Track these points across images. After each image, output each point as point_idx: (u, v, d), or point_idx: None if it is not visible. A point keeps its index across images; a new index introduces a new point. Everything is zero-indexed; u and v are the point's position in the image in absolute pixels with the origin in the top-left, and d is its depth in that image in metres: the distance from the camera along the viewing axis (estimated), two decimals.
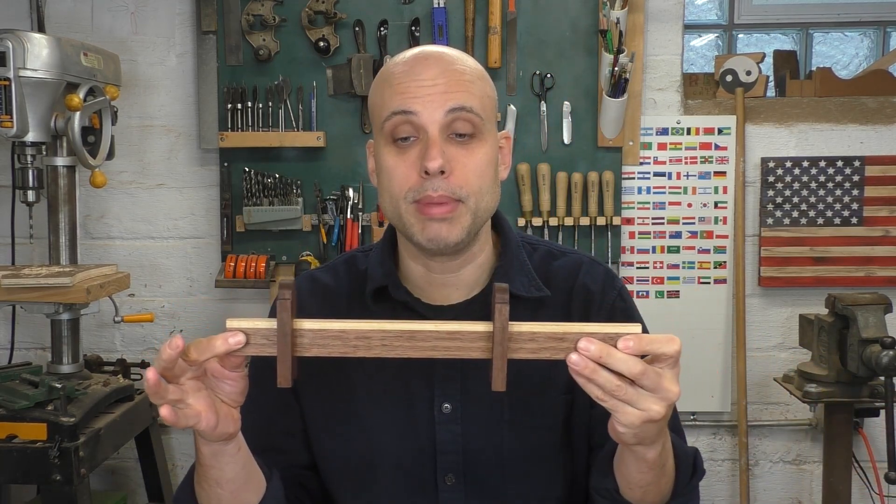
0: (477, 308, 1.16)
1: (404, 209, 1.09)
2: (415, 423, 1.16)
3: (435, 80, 1.07)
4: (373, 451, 1.17)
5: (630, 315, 1.21)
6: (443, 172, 1.06)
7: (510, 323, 0.87)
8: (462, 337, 0.89)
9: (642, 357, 0.88)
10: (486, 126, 1.11)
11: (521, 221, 2.74)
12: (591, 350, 0.86)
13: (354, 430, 1.18)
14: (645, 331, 1.18)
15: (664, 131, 2.80)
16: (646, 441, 0.94)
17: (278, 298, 0.86)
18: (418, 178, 1.07)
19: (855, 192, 2.79)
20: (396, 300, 1.17)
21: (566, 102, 2.74)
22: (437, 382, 1.15)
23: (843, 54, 3.24)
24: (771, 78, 2.97)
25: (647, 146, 2.80)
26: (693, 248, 2.82)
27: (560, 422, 1.17)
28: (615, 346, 0.87)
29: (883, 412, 2.25)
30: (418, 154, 1.07)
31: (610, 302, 1.19)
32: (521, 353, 0.88)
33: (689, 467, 1.08)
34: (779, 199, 2.80)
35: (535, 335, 0.88)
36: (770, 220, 2.80)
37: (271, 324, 0.88)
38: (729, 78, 2.81)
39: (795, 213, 2.80)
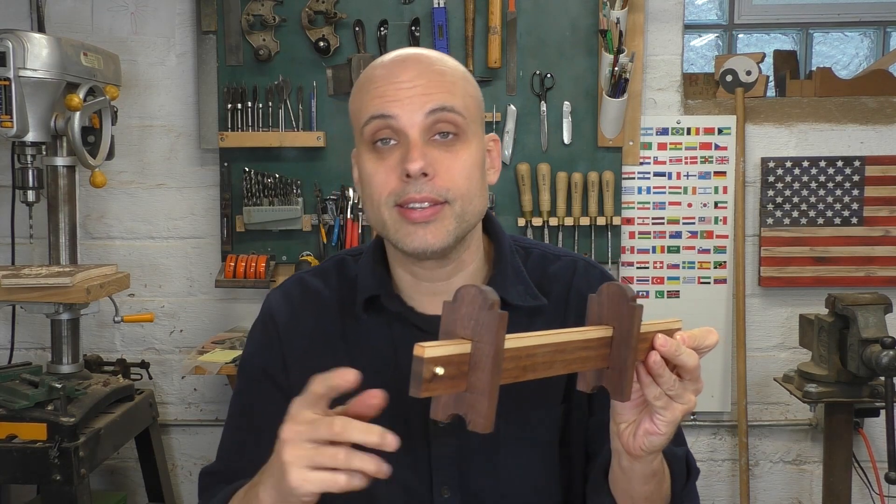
0: None
1: (387, 215, 1.04)
2: (409, 435, 1.10)
3: (413, 81, 1.03)
4: None
5: None
6: (426, 175, 1.01)
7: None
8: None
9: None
10: (471, 127, 1.06)
11: (521, 221, 2.74)
12: (667, 346, 0.87)
13: None
14: None
15: (664, 131, 2.80)
16: (662, 445, 0.93)
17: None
18: (399, 182, 1.03)
19: (855, 192, 2.79)
20: (390, 310, 1.13)
21: (566, 102, 2.74)
22: None
23: (843, 54, 3.24)
24: (771, 78, 2.96)
25: (647, 146, 2.79)
26: (693, 248, 2.82)
27: (558, 435, 1.14)
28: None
29: (883, 412, 2.25)
30: (399, 158, 1.03)
31: None
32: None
33: (682, 470, 1.06)
34: (779, 199, 2.80)
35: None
36: (770, 220, 2.80)
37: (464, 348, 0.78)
38: (729, 78, 2.81)
39: (795, 213, 2.80)
